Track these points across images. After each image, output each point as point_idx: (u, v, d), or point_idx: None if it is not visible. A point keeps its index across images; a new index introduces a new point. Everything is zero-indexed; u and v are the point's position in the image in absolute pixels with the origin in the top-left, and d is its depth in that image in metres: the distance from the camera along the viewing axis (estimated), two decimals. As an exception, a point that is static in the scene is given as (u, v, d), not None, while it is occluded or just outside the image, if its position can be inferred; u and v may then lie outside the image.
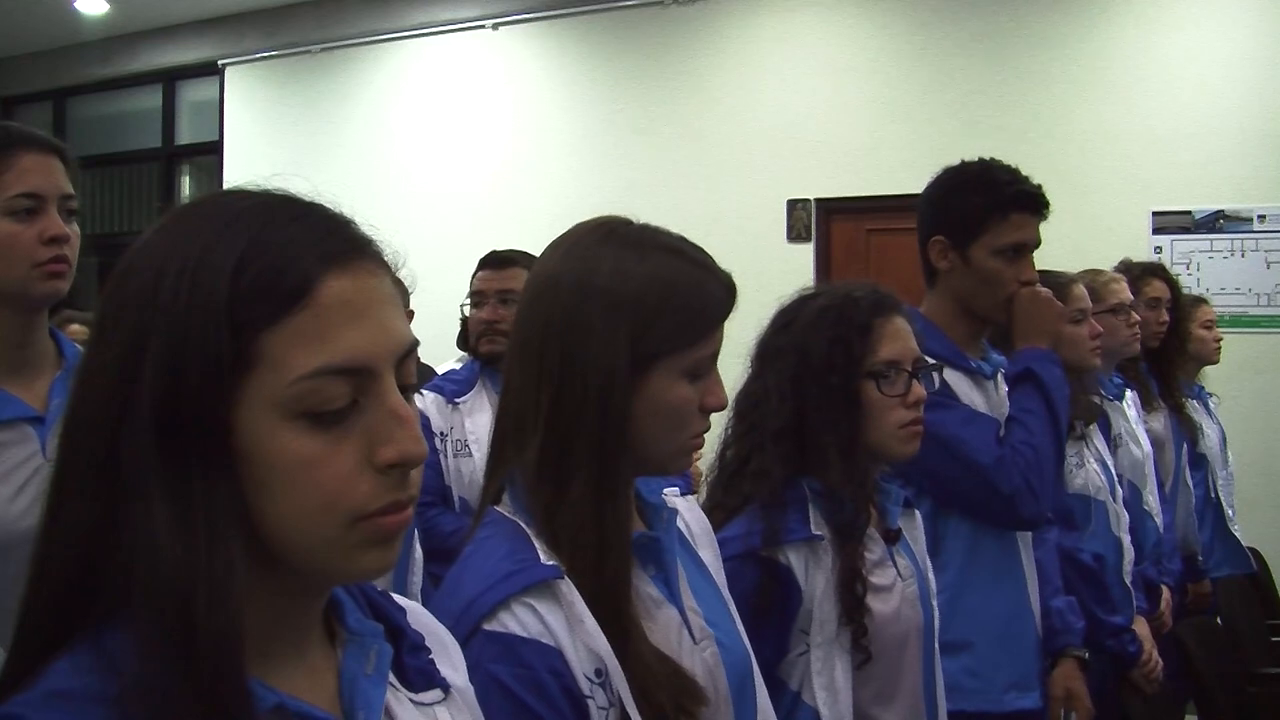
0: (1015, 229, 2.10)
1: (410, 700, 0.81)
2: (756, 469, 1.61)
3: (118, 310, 0.69)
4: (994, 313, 2.15)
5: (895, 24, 5.68)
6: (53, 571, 0.69)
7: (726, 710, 1.18)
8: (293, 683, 0.72)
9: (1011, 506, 2.01)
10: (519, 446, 1.14)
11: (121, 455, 0.66)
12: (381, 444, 0.70)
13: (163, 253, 0.69)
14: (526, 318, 1.17)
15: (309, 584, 0.74)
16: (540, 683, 1.02)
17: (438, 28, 6.79)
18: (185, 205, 0.75)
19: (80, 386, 0.70)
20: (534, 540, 1.10)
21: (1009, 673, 2.07)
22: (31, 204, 1.63)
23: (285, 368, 0.67)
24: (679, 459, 1.18)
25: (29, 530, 1.57)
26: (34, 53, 8.24)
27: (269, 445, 0.67)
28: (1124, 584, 2.71)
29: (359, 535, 0.70)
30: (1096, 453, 2.72)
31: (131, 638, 0.65)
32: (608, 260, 1.14)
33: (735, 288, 1.20)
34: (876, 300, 1.68)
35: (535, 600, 1.04)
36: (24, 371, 1.68)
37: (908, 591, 1.65)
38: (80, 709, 0.64)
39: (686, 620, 1.18)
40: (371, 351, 0.70)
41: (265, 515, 0.68)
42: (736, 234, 5.85)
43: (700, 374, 1.16)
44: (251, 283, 0.67)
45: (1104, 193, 5.17)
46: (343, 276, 0.70)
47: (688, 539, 1.30)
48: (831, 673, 1.51)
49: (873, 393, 1.64)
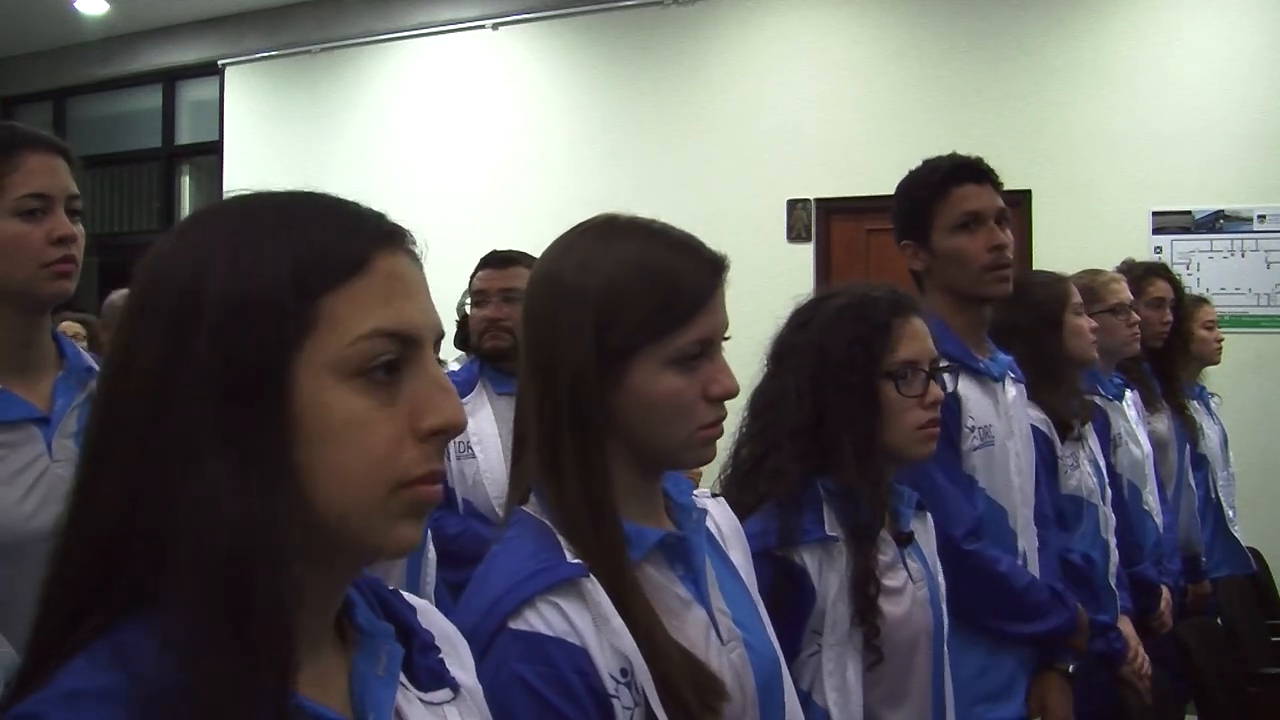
0: (960, 201, 2.15)
1: (420, 700, 0.81)
2: (773, 468, 1.61)
3: (160, 285, 0.70)
4: (978, 288, 2.17)
5: (895, 24, 5.68)
6: (80, 559, 0.69)
7: (753, 712, 1.18)
8: (307, 682, 0.72)
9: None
10: (526, 448, 1.16)
11: (171, 422, 0.67)
12: (426, 412, 0.72)
13: (208, 236, 0.72)
14: (523, 319, 1.19)
15: (338, 564, 0.75)
16: (565, 681, 1.02)
17: (438, 28, 6.79)
18: (218, 202, 0.77)
19: (119, 360, 0.71)
20: (560, 539, 1.10)
21: (979, 686, 2.07)
22: (39, 204, 1.63)
23: (345, 328, 0.70)
24: (689, 452, 1.15)
25: (38, 530, 1.59)
26: (34, 53, 8.24)
27: (325, 404, 0.69)
28: (1109, 585, 2.71)
29: (399, 502, 0.72)
30: (1090, 454, 2.72)
31: (172, 618, 0.65)
32: (575, 255, 1.14)
33: (722, 264, 1.16)
34: (895, 301, 1.68)
35: (560, 599, 1.04)
36: (28, 372, 1.68)
37: (919, 594, 1.65)
38: (98, 708, 0.63)
39: (714, 621, 1.17)
40: (420, 322, 0.74)
41: (313, 477, 0.69)
42: (736, 234, 5.82)
43: (692, 362, 1.12)
44: (315, 251, 0.71)
45: (1104, 193, 5.17)
46: (393, 256, 0.74)
47: (718, 540, 1.29)
48: (843, 673, 1.51)
49: (891, 393, 1.64)
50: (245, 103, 7.49)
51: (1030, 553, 2.20)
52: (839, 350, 1.63)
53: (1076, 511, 2.64)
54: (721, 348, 1.17)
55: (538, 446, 1.13)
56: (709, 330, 1.13)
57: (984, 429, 2.13)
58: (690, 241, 1.17)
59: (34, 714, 0.63)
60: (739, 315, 1.21)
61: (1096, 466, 2.74)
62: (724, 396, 1.15)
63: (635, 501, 1.16)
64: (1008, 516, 2.16)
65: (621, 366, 1.11)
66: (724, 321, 1.16)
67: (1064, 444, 2.58)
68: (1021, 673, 2.17)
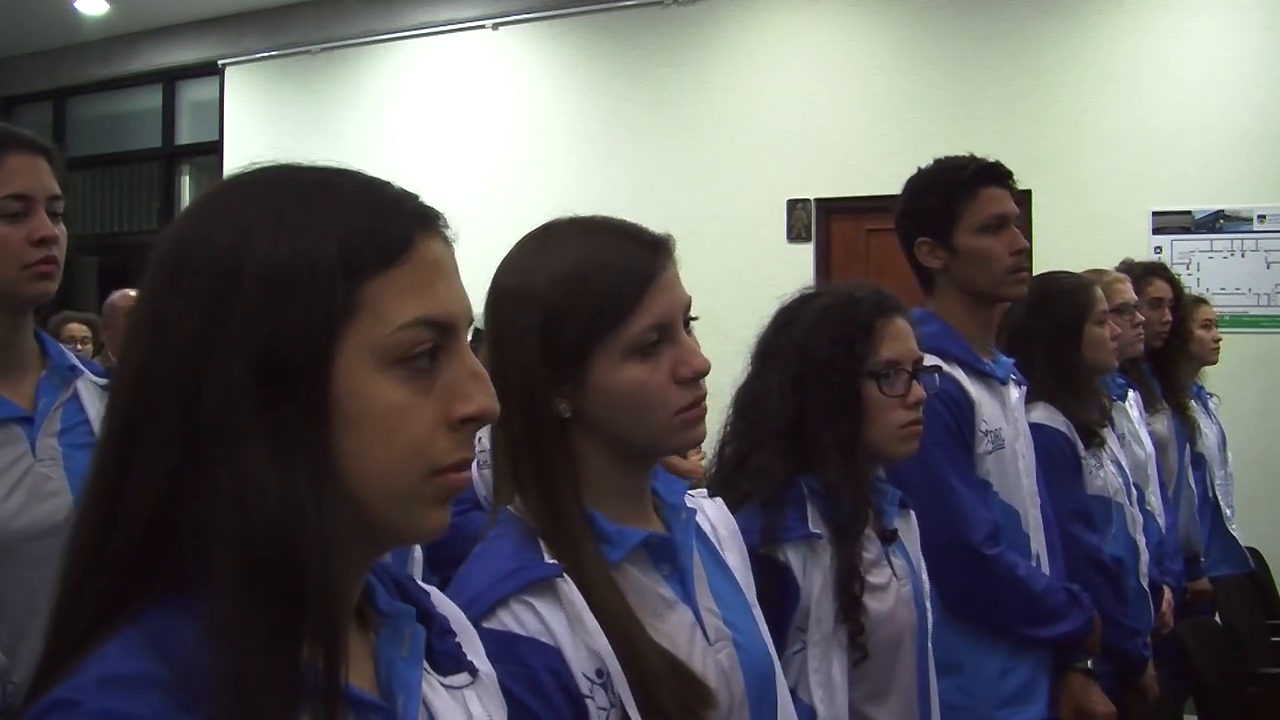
0: (988, 203, 2.16)
1: (441, 684, 0.81)
2: (756, 466, 1.62)
3: (188, 262, 0.68)
4: (999, 289, 2.18)
5: (895, 24, 5.68)
6: (113, 546, 0.68)
7: (741, 713, 1.17)
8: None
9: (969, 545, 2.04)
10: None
11: (209, 404, 0.66)
12: (461, 399, 0.72)
13: (247, 206, 0.70)
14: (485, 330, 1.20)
15: (367, 548, 0.74)
16: (537, 681, 1.02)
17: (438, 28, 6.79)
18: (248, 172, 0.75)
19: (147, 335, 0.69)
20: (540, 539, 1.10)
21: (1002, 689, 2.07)
22: (20, 205, 1.63)
23: (387, 316, 0.70)
24: (670, 437, 1.14)
25: (22, 530, 1.59)
26: (34, 53, 8.24)
27: (365, 391, 0.69)
28: (1141, 586, 2.71)
29: (432, 489, 0.72)
30: (1112, 454, 2.72)
31: (217, 604, 0.64)
32: (517, 264, 1.15)
33: (664, 244, 1.14)
34: (879, 301, 1.69)
35: (535, 599, 1.04)
36: (10, 372, 1.68)
37: (902, 591, 1.66)
38: (137, 693, 0.62)
39: (701, 621, 1.17)
40: (457, 310, 0.74)
41: (350, 462, 0.69)
42: (736, 234, 5.86)
43: (652, 349, 1.11)
44: (360, 232, 0.70)
45: (1104, 193, 5.17)
46: (433, 240, 0.74)
47: (712, 540, 1.29)
48: (828, 670, 1.51)
49: (873, 392, 1.65)
50: (245, 103, 7.49)
51: (1042, 554, 2.20)
52: (822, 350, 1.64)
53: (1105, 512, 2.65)
54: (688, 328, 1.16)
55: (502, 453, 1.15)
56: (662, 313, 1.11)
57: (995, 433, 2.14)
58: (626, 228, 1.15)
59: (71, 701, 0.62)
60: (739, 315, 1.21)
61: (1119, 466, 2.74)
62: (694, 377, 1.13)
63: (619, 501, 1.15)
64: (1020, 519, 2.17)
65: (580, 368, 1.11)
66: (681, 301, 1.14)
67: (1087, 447, 2.58)
68: (1041, 674, 2.17)
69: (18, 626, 1.50)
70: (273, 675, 0.63)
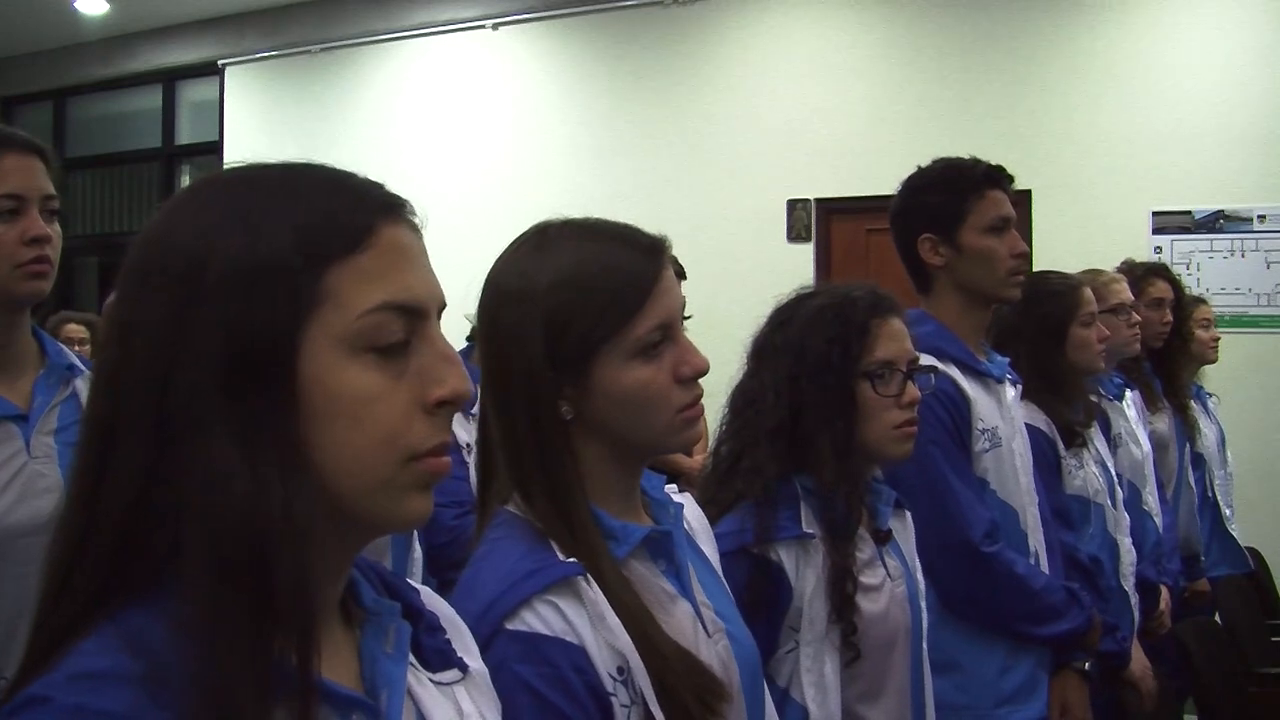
0: (994, 205, 2.18)
1: (430, 680, 0.80)
2: (750, 466, 1.62)
3: (160, 254, 0.70)
4: (999, 290, 2.19)
5: (895, 24, 5.68)
6: (92, 543, 0.68)
7: (739, 702, 1.18)
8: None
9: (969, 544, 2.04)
10: (490, 454, 1.18)
11: (176, 399, 0.66)
12: (434, 383, 0.72)
13: (211, 204, 0.71)
14: (479, 333, 1.20)
15: (347, 539, 0.74)
16: (565, 680, 1.02)
17: (438, 28, 6.79)
18: (217, 173, 0.77)
19: (119, 334, 0.70)
20: (550, 538, 1.10)
21: (1001, 687, 2.08)
22: (13, 205, 1.64)
23: (351, 303, 0.70)
24: (673, 436, 1.16)
25: (15, 527, 1.59)
26: (34, 53, 8.24)
27: (335, 379, 0.69)
28: (1119, 585, 2.71)
29: (410, 476, 0.72)
30: (1096, 454, 2.72)
31: (186, 599, 0.64)
32: (516, 267, 1.15)
33: (661, 245, 1.16)
34: (874, 301, 1.69)
35: (557, 598, 1.04)
36: (6, 371, 1.69)
37: (896, 592, 1.66)
38: (109, 688, 0.63)
39: (699, 614, 1.18)
40: (425, 294, 0.74)
41: (325, 453, 0.69)
42: (736, 234, 5.86)
43: (655, 349, 1.13)
44: (320, 222, 0.71)
45: (1104, 193, 5.17)
46: (398, 226, 0.74)
47: (690, 535, 1.30)
48: (821, 670, 1.52)
49: (868, 393, 1.65)
50: (245, 103, 7.49)
51: (1040, 552, 2.20)
52: (817, 350, 1.65)
53: (1083, 512, 2.65)
54: (683, 327, 1.18)
55: (503, 455, 1.14)
56: (664, 314, 1.13)
57: (991, 431, 2.14)
58: (624, 231, 1.17)
59: (42, 697, 0.62)
60: (739, 315, 1.22)
61: (1104, 467, 2.74)
62: (694, 376, 1.15)
63: (617, 499, 1.17)
64: (1018, 517, 2.17)
65: (583, 369, 1.11)
66: (679, 301, 1.16)
67: (1068, 447, 2.58)
68: (1041, 672, 2.17)
69: (11, 622, 1.51)
70: (244, 670, 0.63)
